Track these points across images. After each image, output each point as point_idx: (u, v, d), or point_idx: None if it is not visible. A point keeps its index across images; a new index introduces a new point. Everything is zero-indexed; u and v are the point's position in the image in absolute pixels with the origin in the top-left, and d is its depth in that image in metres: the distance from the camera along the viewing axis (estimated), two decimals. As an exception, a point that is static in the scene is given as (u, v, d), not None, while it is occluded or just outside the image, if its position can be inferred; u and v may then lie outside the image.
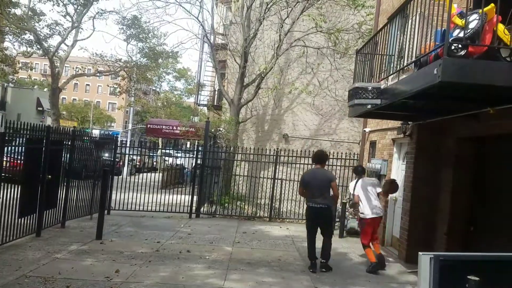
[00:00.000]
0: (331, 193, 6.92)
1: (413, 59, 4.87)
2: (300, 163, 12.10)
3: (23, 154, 7.07)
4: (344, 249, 8.64)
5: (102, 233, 7.95)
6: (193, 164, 22.84)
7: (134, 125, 39.19)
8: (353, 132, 17.40)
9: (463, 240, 6.96)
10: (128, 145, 15.25)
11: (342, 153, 12.08)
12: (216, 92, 21.27)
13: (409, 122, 7.82)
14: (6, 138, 6.37)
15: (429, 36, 5.05)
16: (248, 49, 15.37)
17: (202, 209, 11.91)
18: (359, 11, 13.77)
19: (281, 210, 12.25)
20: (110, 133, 20.77)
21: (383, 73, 6.30)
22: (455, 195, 7.04)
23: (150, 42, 21.84)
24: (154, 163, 33.69)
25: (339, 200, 11.57)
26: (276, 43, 15.28)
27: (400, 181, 8.68)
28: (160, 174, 19.93)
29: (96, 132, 14.70)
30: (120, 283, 5.47)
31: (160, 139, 37.52)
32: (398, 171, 8.89)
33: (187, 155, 22.87)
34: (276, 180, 11.97)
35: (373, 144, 10.49)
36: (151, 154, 25.86)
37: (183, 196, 12.28)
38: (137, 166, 28.55)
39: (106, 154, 11.76)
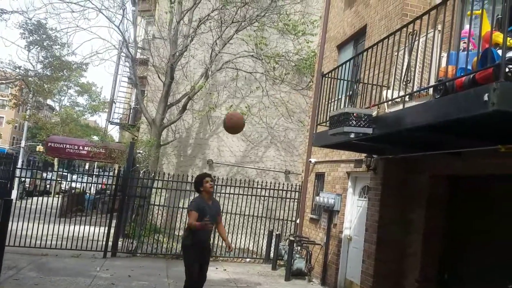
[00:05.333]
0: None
1: (432, 83, 4.16)
2: (236, 193, 10.97)
3: None
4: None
5: (-3, 284, 6.00)
6: (99, 189, 20.43)
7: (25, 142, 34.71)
8: (278, 161, 16.79)
9: (436, 288, 6.39)
10: (21, 165, 12.94)
11: (268, 182, 11.24)
12: (132, 111, 19.40)
13: (374, 155, 7.21)
14: None
15: (438, 59, 4.43)
16: (175, 66, 14.10)
17: (119, 245, 10.11)
18: (298, 38, 13.33)
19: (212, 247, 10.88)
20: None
21: (364, 100, 5.59)
22: (427, 238, 6.47)
23: (58, 50, 19.27)
24: (48, 186, 30.01)
25: (284, 237, 10.69)
26: (204, 64, 14.27)
27: (356, 218, 8.03)
28: (57, 199, 17.11)
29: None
30: None
31: (56, 160, 33.74)
32: (353, 207, 8.22)
33: (91, 179, 20.28)
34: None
35: (319, 176, 9.79)
36: (65, 176, 21.88)
37: (88, 228, 10.19)
38: (28, 189, 24.99)
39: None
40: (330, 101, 6.63)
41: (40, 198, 13.53)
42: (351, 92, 7.55)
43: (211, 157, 16.12)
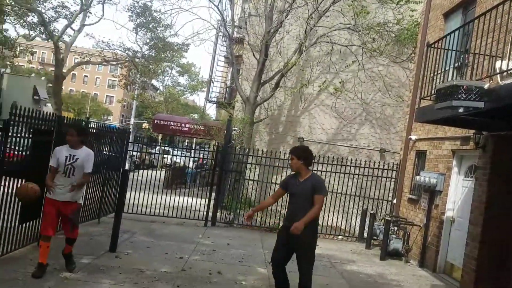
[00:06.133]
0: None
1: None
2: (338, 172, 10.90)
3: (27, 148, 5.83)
4: (393, 276, 7.47)
5: (117, 244, 6.74)
6: (197, 163, 21.62)
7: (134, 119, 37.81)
8: (373, 138, 16.22)
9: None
10: (132, 140, 14.36)
11: (362, 161, 11.03)
12: (228, 89, 20.08)
13: (483, 132, 6.69)
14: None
15: None
16: (270, 43, 14.18)
17: (217, 216, 10.71)
18: (400, 6, 12.60)
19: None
20: (107, 126, 19.38)
21: (474, 71, 5.18)
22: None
23: (162, 32, 20.59)
24: (153, 160, 32.51)
25: (379, 216, 10.47)
26: (298, 39, 14.14)
27: (461, 199, 7.57)
28: (162, 173, 18.49)
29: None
30: (150, 320, 4.28)
31: (160, 136, 36.32)
32: (457, 187, 7.75)
33: (190, 154, 21.43)
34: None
35: (420, 154, 9.34)
36: (173, 152, 23.60)
37: (191, 199, 10.90)
38: (137, 163, 27.32)
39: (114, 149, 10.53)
40: (435, 74, 6.24)
41: (147, 171, 14.91)
42: (459, 63, 7.05)
43: (302, 134, 16.10)
